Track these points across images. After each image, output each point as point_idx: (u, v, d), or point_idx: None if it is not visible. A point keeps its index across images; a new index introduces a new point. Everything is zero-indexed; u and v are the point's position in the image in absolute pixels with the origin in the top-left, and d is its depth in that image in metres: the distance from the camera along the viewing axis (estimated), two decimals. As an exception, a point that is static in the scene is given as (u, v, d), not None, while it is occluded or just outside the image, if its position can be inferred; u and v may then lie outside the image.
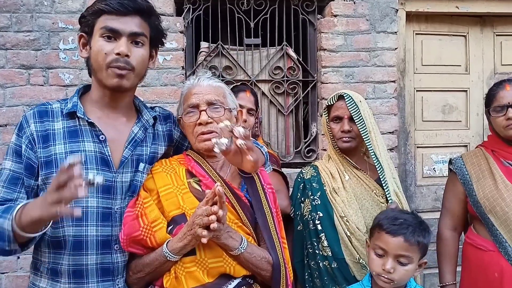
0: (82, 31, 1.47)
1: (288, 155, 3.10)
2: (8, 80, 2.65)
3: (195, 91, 1.53)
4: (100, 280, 1.41)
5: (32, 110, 1.46)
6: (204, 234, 1.29)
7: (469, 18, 3.27)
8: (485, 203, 1.90)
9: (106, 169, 1.42)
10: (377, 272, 1.56)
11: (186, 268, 1.38)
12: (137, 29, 1.42)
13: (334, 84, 2.93)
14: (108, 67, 1.39)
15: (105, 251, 1.41)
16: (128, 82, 1.43)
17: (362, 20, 2.97)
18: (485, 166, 1.98)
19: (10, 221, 1.24)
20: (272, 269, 1.45)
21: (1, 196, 1.37)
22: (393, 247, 1.54)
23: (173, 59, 2.78)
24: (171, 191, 1.46)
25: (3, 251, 1.31)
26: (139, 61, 1.44)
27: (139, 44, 1.44)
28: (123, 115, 1.53)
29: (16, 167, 1.40)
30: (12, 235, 1.26)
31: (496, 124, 1.97)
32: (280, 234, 1.52)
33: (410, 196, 3.18)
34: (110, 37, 1.40)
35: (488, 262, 1.91)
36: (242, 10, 2.97)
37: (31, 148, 1.40)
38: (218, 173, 1.52)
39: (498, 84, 2.02)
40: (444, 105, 3.28)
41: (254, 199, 1.51)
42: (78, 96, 1.50)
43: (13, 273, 2.65)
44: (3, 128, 2.65)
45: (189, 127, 1.53)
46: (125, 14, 1.40)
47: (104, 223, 1.41)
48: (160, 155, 1.59)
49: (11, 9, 2.65)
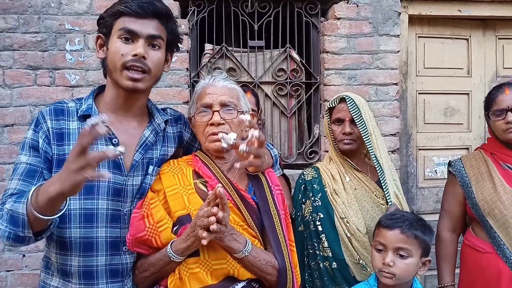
0: (100, 32, 1.47)
1: (290, 156, 3.12)
2: (15, 81, 2.69)
3: (209, 91, 1.52)
4: (110, 281, 1.42)
5: (48, 107, 1.46)
6: (204, 235, 1.28)
7: (472, 21, 3.29)
8: (484, 205, 1.92)
9: (117, 172, 1.44)
10: (378, 267, 1.59)
11: (190, 269, 1.38)
12: (155, 32, 1.43)
13: (337, 86, 2.95)
14: (124, 68, 1.40)
15: (114, 252, 1.43)
16: (143, 85, 1.44)
17: (365, 23, 2.99)
18: (484, 168, 1.99)
19: (25, 204, 1.21)
20: (277, 273, 1.43)
21: (18, 189, 1.34)
22: (391, 240, 1.57)
23: (177, 61, 2.81)
24: (177, 191, 1.46)
25: (17, 237, 1.26)
26: (155, 63, 1.44)
27: (156, 47, 1.45)
28: (134, 118, 1.53)
29: (33, 161, 1.38)
30: (27, 220, 1.22)
31: (496, 128, 1.98)
32: (288, 237, 1.50)
33: (411, 198, 3.20)
34: (128, 39, 1.40)
35: (486, 264, 1.93)
36: (246, 13, 2.99)
37: (48, 143, 1.40)
38: (226, 174, 1.51)
39: (497, 87, 2.03)
40: (446, 107, 3.30)
41: (261, 201, 1.49)
42: (93, 97, 1.51)
43: (18, 271, 2.69)
44: (10, 127, 2.68)
45: (201, 127, 1.52)
46: (144, 17, 1.41)
47: (113, 224, 1.43)
48: (169, 157, 1.60)
49: (18, 11, 2.69)
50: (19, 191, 1.33)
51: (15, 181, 1.36)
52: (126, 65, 1.39)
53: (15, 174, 1.38)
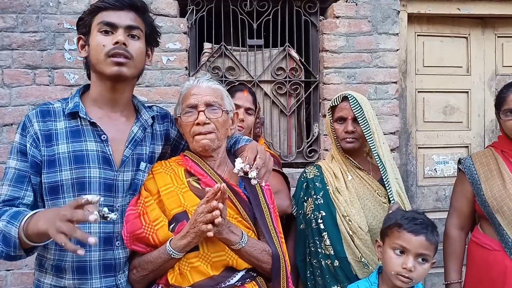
0: (80, 33, 1.52)
1: (290, 155, 3.12)
2: (14, 80, 2.68)
3: (194, 92, 1.56)
4: (103, 276, 1.44)
5: (34, 110, 1.49)
6: (209, 227, 1.33)
7: (471, 20, 3.29)
8: (493, 202, 1.91)
9: (107, 168, 1.45)
10: (396, 271, 1.57)
11: (191, 264, 1.42)
12: (132, 23, 1.47)
13: (336, 85, 2.95)
14: (107, 57, 1.43)
15: (107, 247, 1.44)
16: (128, 71, 1.46)
17: (364, 21, 2.99)
18: (494, 166, 1.99)
19: (17, 228, 1.27)
20: (272, 260, 1.49)
21: (9, 195, 1.39)
22: (415, 245, 1.56)
23: (176, 60, 2.81)
24: (172, 190, 1.49)
25: (8, 256, 1.33)
26: (137, 52, 1.48)
27: (135, 37, 1.48)
28: (122, 114, 1.55)
29: (21, 166, 1.42)
30: (18, 242, 1.28)
31: (506, 127, 1.98)
32: (278, 229, 1.57)
33: (411, 197, 3.19)
34: (107, 32, 1.45)
35: (492, 261, 1.93)
36: (245, 11, 2.99)
37: (36, 146, 1.42)
38: (216, 171, 1.56)
39: (508, 86, 2.02)
40: (445, 106, 3.30)
41: (252, 195, 1.56)
42: (79, 96, 1.53)
43: (18, 270, 2.68)
44: (9, 127, 2.68)
45: (187, 127, 1.56)
46: (121, 9, 1.46)
47: (106, 220, 1.43)
48: (158, 154, 1.63)
49: (17, 10, 2.68)
50: (10, 197, 1.39)
51: (6, 187, 1.41)
52: (109, 54, 1.43)
53: (5, 180, 1.42)
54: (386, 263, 1.62)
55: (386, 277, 1.63)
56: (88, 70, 1.54)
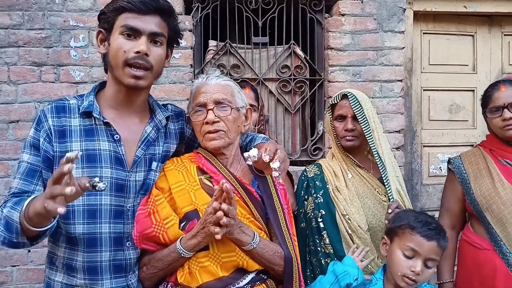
0: (101, 27, 1.47)
1: (294, 153, 3.12)
2: (20, 77, 2.70)
3: (203, 90, 1.54)
4: (113, 276, 1.43)
5: (49, 105, 1.47)
6: (217, 231, 1.31)
7: (477, 18, 3.27)
8: (482, 201, 1.93)
9: (120, 168, 1.44)
10: (403, 273, 1.56)
11: (200, 263, 1.40)
12: (157, 29, 1.43)
13: (341, 83, 2.94)
14: (125, 65, 1.40)
15: (118, 248, 1.44)
16: (145, 82, 1.45)
17: (370, 19, 2.98)
18: (483, 165, 2.00)
19: (19, 212, 1.25)
20: (284, 263, 1.46)
21: (19, 188, 1.38)
22: (426, 250, 1.56)
23: (181, 57, 2.81)
24: (183, 188, 1.48)
25: (11, 242, 1.30)
26: (157, 60, 1.45)
27: (158, 43, 1.45)
28: (136, 114, 1.54)
29: (33, 160, 1.41)
30: (20, 228, 1.26)
31: (493, 125, 1.99)
32: (291, 231, 1.54)
33: (416, 195, 3.19)
34: (130, 35, 1.41)
35: (482, 260, 1.94)
36: (250, 9, 2.99)
37: (49, 141, 1.41)
38: (229, 169, 1.53)
39: (493, 85, 2.04)
40: (451, 104, 3.29)
41: (266, 195, 1.53)
42: (94, 94, 1.51)
43: (24, 266, 2.70)
44: (15, 124, 2.69)
45: (197, 126, 1.55)
46: (146, 13, 1.41)
47: (117, 220, 1.43)
48: (172, 153, 1.61)
49: (23, 7, 2.70)
50: (20, 191, 1.38)
51: (17, 180, 1.40)
52: (128, 62, 1.40)
53: (17, 173, 1.41)
54: (393, 263, 1.62)
55: (390, 275, 1.63)
56: (105, 65, 1.50)
